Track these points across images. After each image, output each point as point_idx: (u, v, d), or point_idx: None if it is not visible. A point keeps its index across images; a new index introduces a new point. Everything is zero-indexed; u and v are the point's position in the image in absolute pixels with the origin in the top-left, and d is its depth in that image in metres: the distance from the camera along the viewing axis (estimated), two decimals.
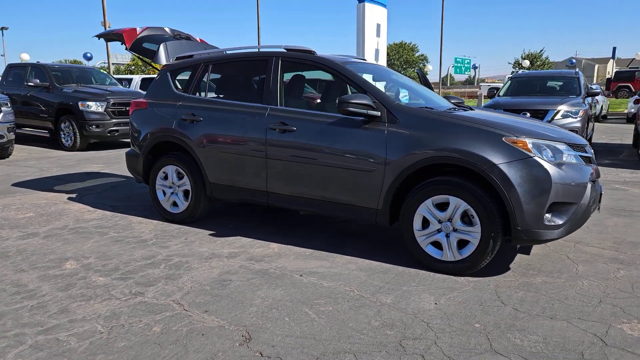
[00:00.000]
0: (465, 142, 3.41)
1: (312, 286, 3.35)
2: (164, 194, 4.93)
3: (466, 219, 3.48)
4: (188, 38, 5.78)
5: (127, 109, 10.53)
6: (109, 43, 14.09)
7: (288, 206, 4.30)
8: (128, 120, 5.26)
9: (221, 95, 4.80)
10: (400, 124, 3.66)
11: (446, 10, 33.19)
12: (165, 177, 4.90)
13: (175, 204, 4.88)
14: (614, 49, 79.62)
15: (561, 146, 3.48)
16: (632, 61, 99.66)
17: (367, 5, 28.06)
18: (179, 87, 4.95)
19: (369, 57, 29.94)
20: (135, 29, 5.32)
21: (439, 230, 3.58)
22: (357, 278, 3.49)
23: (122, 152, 10.13)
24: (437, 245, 3.61)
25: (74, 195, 6.12)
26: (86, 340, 2.63)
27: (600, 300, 3.12)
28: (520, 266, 3.70)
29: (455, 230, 3.51)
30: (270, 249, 4.11)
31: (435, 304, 3.08)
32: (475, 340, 2.64)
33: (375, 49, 30.40)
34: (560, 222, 3.32)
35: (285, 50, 4.39)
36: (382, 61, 32.52)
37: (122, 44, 5.42)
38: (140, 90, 12.04)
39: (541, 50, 45.11)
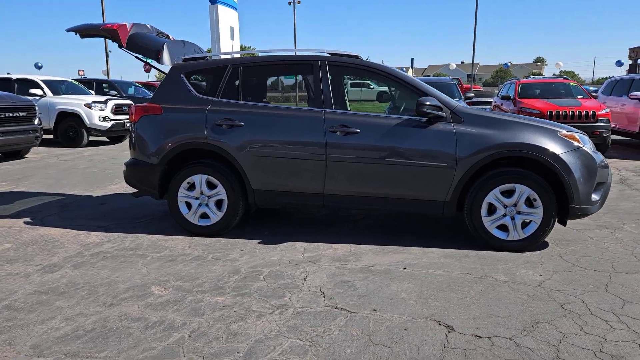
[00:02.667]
0: (531, 138, 4.01)
1: (430, 276, 3.59)
2: (189, 206, 4.56)
3: (527, 202, 4.08)
4: (168, 37, 5.35)
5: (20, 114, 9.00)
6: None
7: (345, 206, 4.42)
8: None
9: (254, 99, 4.63)
10: (466, 124, 4.11)
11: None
12: (191, 188, 4.54)
13: (204, 216, 4.55)
14: (412, 59, 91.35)
15: (587, 137, 4.31)
16: (425, 70, 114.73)
17: (220, 7, 27.86)
18: (200, 90, 4.62)
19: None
20: (125, 24, 4.75)
21: (503, 215, 4.12)
22: (452, 264, 3.84)
23: (12, 165, 8.61)
24: (501, 227, 4.14)
25: (29, 219, 5.15)
26: (309, 355, 2.51)
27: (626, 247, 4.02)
28: (553, 240, 4.43)
29: (519, 213, 4.09)
30: (340, 250, 4.18)
31: (540, 275, 3.61)
32: (601, 288, 3.22)
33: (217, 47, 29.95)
34: (598, 198, 4.14)
35: (329, 55, 4.47)
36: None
37: (113, 42, 4.78)
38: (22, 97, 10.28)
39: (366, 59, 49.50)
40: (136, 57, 4.88)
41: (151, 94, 15.56)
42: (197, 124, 4.43)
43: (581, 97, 11.51)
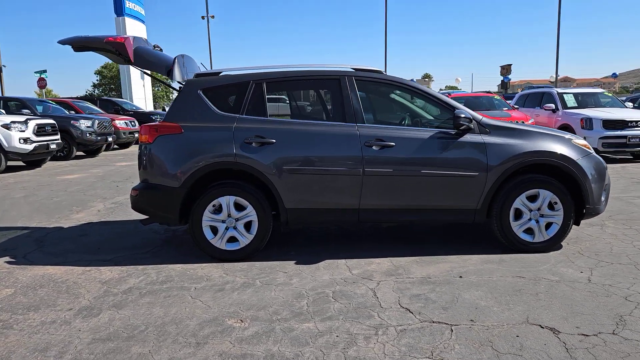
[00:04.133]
0: (552, 146, 4.33)
1: (490, 282, 3.72)
2: (214, 230, 4.27)
3: (549, 206, 4.40)
4: (161, 50, 5.01)
5: None
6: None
7: (380, 220, 4.43)
8: None
9: (281, 115, 4.48)
10: (492, 134, 4.34)
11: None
12: (217, 211, 4.26)
13: (232, 240, 4.29)
14: None
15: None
16: None
17: (127, 20, 26.53)
18: (222, 107, 4.37)
19: (136, 73, 28.19)
20: (129, 38, 4.36)
21: (529, 219, 4.39)
22: (498, 269, 4.00)
23: None
24: (526, 231, 4.41)
25: (9, 258, 4.49)
26: None
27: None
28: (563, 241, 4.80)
29: (542, 216, 4.39)
30: (383, 264, 4.17)
31: (582, 272, 3.90)
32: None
33: None
34: (604, 198, 4.58)
35: (353, 70, 4.48)
36: (148, 78, 30.82)
37: (118, 55, 4.34)
38: None
39: None
40: (144, 72, 4.49)
41: (70, 112, 14.32)
42: (224, 142, 4.19)
43: (506, 108, 12.60)
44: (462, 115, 4.17)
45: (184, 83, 4.43)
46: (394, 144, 4.23)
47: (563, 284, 3.64)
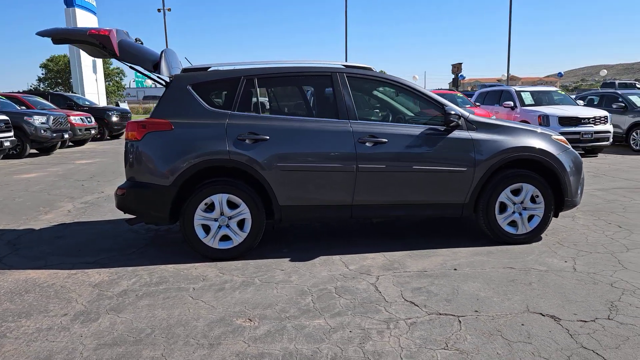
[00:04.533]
0: (535, 142, 4.51)
1: (484, 274, 3.84)
2: (206, 229, 4.20)
3: (531, 199, 4.58)
4: (142, 43, 4.84)
5: None
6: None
7: (372, 215, 4.48)
8: None
9: (273, 111, 4.44)
10: (479, 130, 4.47)
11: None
12: (208, 209, 4.18)
13: (225, 238, 4.23)
14: None
15: None
16: None
17: (78, 11, 25.36)
18: (212, 103, 4.28)
19: (88, 67, 27.03)
20: (112, 30, 4.18)
21: (513, 212, 4.57)
22: (488, 261, 4.14)
23: None
24: (511, 223, 4.59)
25: None
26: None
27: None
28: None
29: (525, 209, 4.58)
30: (378, 259, 4.22)
31: (566, 262, 4.10)
32: (619, 267, 3.80)
33: (92, 59, 27.61)
34: (580, 191, 4.82)
35: (344, 67, 4.50)
36: (100, 72, 29.71)
37: (102, 48, 4.15)
38: None
39: None
40: (130, 67, 4.32)
41: (21, 108, 13.55)
42: (216, 139, 4.11)
43: (469, 106, 12.98)
44: (453, 112, 4.27)
45: (171, 78, 4.30)
46: (386, 140, 4.28)
47: (552, 274, 3.81)
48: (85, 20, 25.44)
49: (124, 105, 28.89)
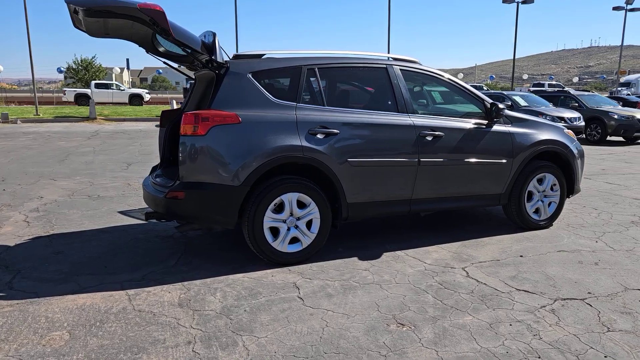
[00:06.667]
0: (557, 135, 4.94)
1: (549, 258, 4.12)
2: (275, 232, 3.85)
3: (551, 187, 5.03)
4: None
5: None
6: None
7: (430, 209, 4.50)
8: None
9: (335, 104, 4.19)
10: (514, 125, 4.77)
11: None
12: (278, 210, 3.83)
13: (295, 241, 3.92)
14: (128, 60, 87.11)
15: None
16: (141, 72, 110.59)
17: None
18: (274, 93, 3.90)
19: None
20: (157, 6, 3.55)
21: (537, 200, 4.97)
22: (534, 247, 4.43)
23: None
24: (535, 211, 4.99)
25: None
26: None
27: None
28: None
29: (545, 196, 5.02)
30: (441, 252, 4.26)
31: (596, 242, 4.58)
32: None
33: None
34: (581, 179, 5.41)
35: (392, 59, 4.44)
36: None
37: (152, 25, 3.47)
38: None
39: (93, 57, 44.44)
40: (189, 52, 3.70)
41: None
42: (289, 134, 3.76)
43: None
44: (502, 107, 4.48)
45: (225, 65, 3.81)
46: (443, 134, 4.33)
47: (600, 253, 4.24)
48: None
49: None
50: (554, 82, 39.98)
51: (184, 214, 3.69)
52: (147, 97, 32.22)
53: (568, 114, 13.77)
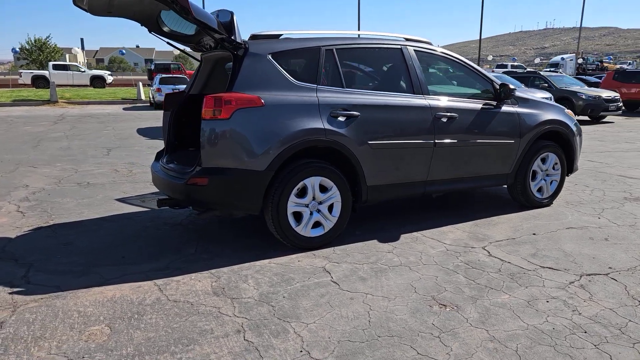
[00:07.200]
0: (560, 115, 5.05)
1: (560, 235, 4.24)
2: (297, 217, 3.80)
3: (552, 166, 5.16)
4: None
5: None
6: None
7: (442, 190, 4.53)
8: None
9: (354, 85, 4.13)
10: (520, 105, 4.84)
11: None
12: (301, 194, 3.78)
13: (316, 225, 3.89)
14: (82, 39, 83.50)
15: None
16: (97, 53, 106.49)
17: None
18: (294, 75, 3.81)
19: None
20: None
21: (540, 179, 5.10)
22: (544, 225, 4.55)
23: None
24: (538, 190, 5.12)
25: (13, 288, 3.19)
26: None
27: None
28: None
29: (547, 175, 5.15)
30: (457, 233, 4.32)
31: (598, 218, 4.75)
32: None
33: None
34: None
35: (405, 39, 4.41)
36: None
37: (172, 3, 3.29)
38: None
39: (48, 37, 42.15)
40: (210, 32, 3.54)
41: None
42: (311, 116, 3.69)
43: None
44: (512, 87, 4.53)
45: (243, 45, 3.69)
46: (457, 115, 4.35)
47: (607, 229, 4.39)
48: None
49: None
50: (516, 64, 41.16)
51: (207, 200, 3.59)
52: (109, 79, 31.01)
53: (540, 94, 14.07)
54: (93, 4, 3.79)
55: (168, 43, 4.44)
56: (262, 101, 3.53)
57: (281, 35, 3.93)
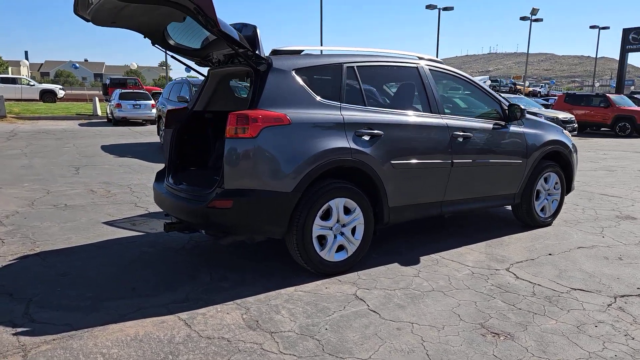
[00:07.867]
0: (558, 135, 5.12)
1: (575, 255, 4.25)
2: (322, 241, 3.61)
3: (554, 186, 5.22)
4: None
5: None
6: None
7: (456, 211, 4.45)
8: None
9: (374, 104, 4.00)
10: (526, 126, 4.89)
11: None
12: (325, 217, 3.60)
13: (341, 249, 3.70)
14: (26, 52, 79.97)
15: None
16: (41, 66, 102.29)
17: None
18: (317, 92, 3.64)
19: None
20: None
21: (543, 199, 5.15)
22: (556, 245, 4.55)
23: None
24: (542, 209, 5.16)
25: (26, 328, 2.81)
26: None
27: None
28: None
29: (549, 195, 5.21)
30: (473, 254, 4.23)
31: (603, 237, 4.82)
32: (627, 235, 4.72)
33: None
34: None
35: (418, 58, 4.36)
36: None
37: (197, 15, 3.04)
38: None
39: None
40: (234, 47, 3.31)
41: None
42: (337, 136, 3.53)
43: None
44: (522, 107, 4.55)
45: (265, 61, 3.50)
46: (471, 135, 4.32)
47: (616, 248, 4.45)
48: None
49: None
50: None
51: (228, 224, 3.33)
52: (61, 93, 29.60)
53: None
54: (99, 14, 3.51)
55: (172, 56, 4.19)
56: (289, 119, 3.34)
57: (303, 50, 3.76)
